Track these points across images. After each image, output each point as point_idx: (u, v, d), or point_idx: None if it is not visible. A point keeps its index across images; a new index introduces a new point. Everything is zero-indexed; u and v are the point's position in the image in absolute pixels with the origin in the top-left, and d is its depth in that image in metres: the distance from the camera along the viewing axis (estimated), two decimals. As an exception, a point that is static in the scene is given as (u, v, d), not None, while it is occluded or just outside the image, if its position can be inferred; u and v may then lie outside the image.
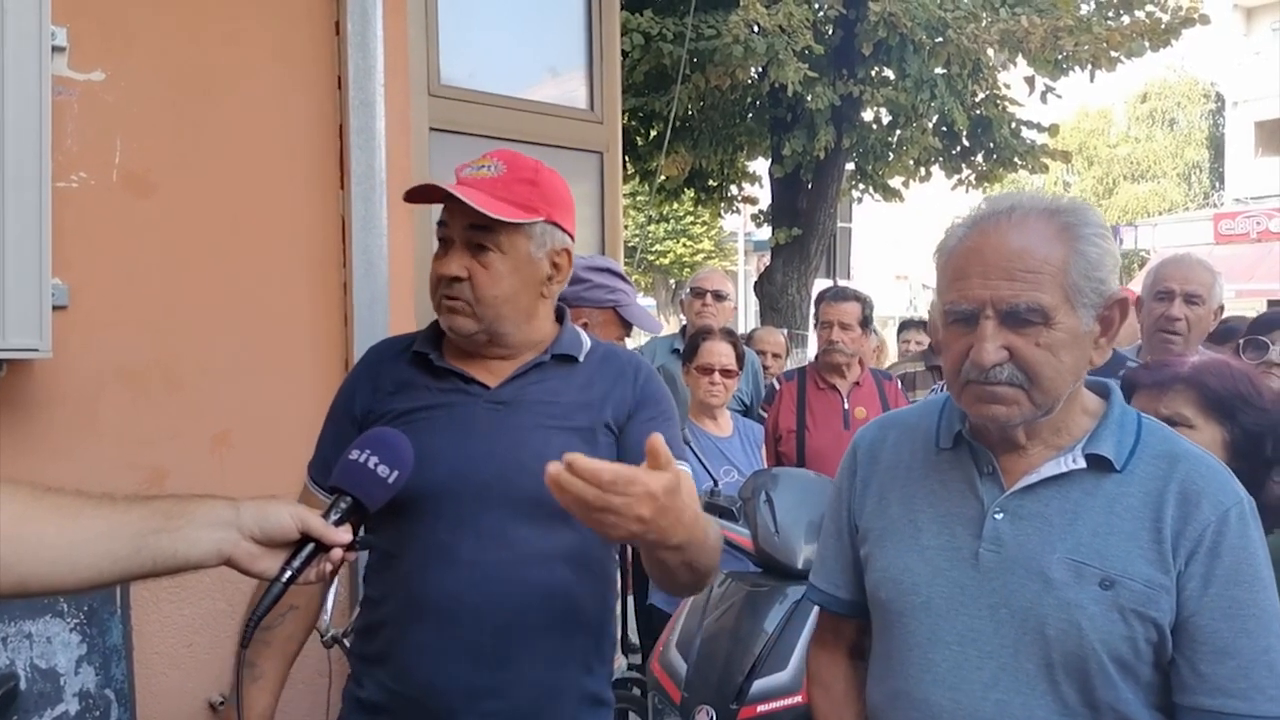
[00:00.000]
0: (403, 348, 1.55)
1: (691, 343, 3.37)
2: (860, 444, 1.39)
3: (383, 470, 1.19)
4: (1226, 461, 1.66)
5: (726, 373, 3.22)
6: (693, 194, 10.29)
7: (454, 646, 1.38)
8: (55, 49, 2.02)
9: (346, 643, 2.30)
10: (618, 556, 1.58)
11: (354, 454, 1.21)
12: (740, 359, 3.31)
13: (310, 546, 1.10)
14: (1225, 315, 3.00)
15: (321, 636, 1.65)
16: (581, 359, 1.52)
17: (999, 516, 1.20)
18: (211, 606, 2.31)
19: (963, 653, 1.19)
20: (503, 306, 1.44)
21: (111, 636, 2.18)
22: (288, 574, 1.09)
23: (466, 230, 1.43)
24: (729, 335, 3.38)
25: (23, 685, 2.06)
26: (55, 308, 2.00)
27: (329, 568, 1.13)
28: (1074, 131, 23.24)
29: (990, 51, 7.74)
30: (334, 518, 1.14)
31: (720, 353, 3.23)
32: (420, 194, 1.48)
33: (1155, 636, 1.13)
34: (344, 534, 1.13)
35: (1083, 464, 1.18)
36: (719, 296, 4.08)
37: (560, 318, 1.56)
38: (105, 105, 2.17)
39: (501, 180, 1.43)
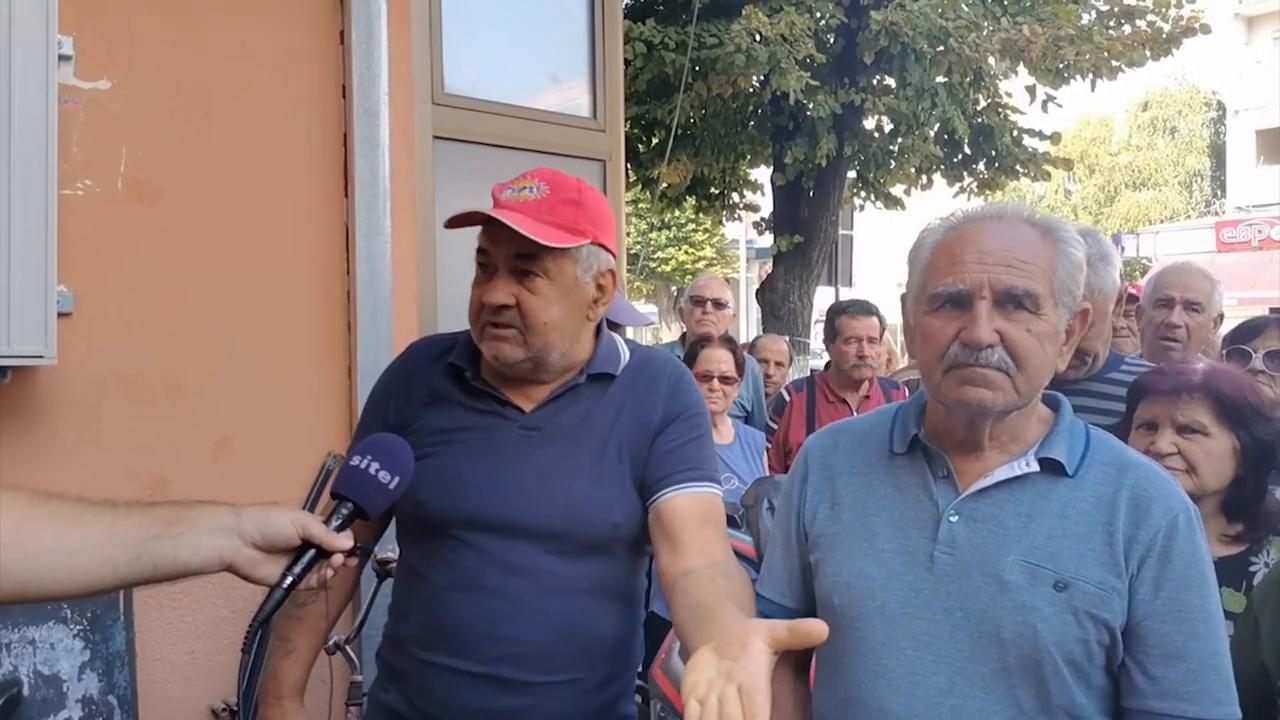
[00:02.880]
0: (439, 353, 1.51)
1: (691, 350, 3.38)
2: (811, 450, 1.37)
3: (383, 476, 1.20)
4: (1235, 468, 1.68)
5: (726, 379, 3.22)
6: (694, 201, 10.32)
7: (473, 673, 1.38)
8: (61, 57, 2.04)
9: (349, 650, 2.31)
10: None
11: (355, 459, 1.22)
12: (740, 366, 3.31)
13: (311, 552, 1.11)
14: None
15: (324, 643, 1.66)
16: (618, 373, 1.48)
17: (954, 519, 1.19)
18: (214, 613, 2.31)
19: (918, 657, 1.18)
20: (551, 334, 1.39)
21: (114, 643, 2.18)
22: (289, 580, 1.09)
23: (512, 258, 1.37)
24: (728, 342, 3.39)
25: (26, 691, 2.06)
26: (60, 314, 2.01)
27: (330, 573, 1.13)
28: (1075, 139, 23.23)
29: (991, 60, 7.76)
30: (335, 523, 1.15)
31: (719, 360, 3.23)
32: (462, 218, 1.41)
33: (1107, 639, 1.14)
34: (345, 540, 1.13)
35: (1036, 468, 1.19)
36: (718, 304, 4.08)
37: (598, 331, 1.51)
38: (110, 113, 2.19)
39: (545, 202, 1.37)
